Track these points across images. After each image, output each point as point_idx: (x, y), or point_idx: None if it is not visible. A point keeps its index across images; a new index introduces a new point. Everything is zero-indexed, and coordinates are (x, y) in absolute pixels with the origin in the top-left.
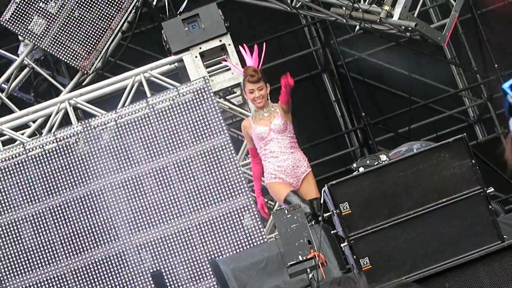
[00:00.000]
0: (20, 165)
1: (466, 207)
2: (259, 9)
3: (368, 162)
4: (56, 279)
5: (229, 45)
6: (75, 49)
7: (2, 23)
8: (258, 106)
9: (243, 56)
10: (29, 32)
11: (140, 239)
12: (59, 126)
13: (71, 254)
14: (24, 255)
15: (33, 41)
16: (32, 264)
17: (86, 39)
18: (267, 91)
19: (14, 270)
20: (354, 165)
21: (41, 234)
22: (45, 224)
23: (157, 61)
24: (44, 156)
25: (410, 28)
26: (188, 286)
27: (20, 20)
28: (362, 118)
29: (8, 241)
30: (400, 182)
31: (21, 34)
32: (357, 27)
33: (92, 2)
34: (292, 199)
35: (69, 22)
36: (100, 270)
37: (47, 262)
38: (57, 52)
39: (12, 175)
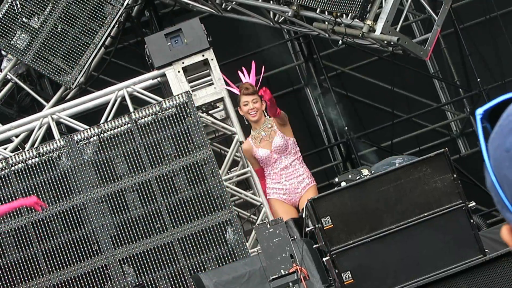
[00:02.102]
0: (3, 179)
1: (448, 221)
2: (241, 24)
3: (350, 176)
4: None
5: (212, 59)
6: (58, 64)
7: None
8: (253, 119)
9: (242, 80)
10: (12, 47)
11: (122, 253)
12: (42, 140)
13: (53, 268)
14: (7, 269)
15: (16, 56)
16: (14, 278)
17: (69, 54)
18: (263, 107)
19: None
20: (336, 179)
21: (23, 248)
22: (27, 239)
23: (140, 76)
24: (27, 170)
25: (392, 43)
26: None
27: (3, 35)
28: (344, 132)
29: None
30: (382, 197)
31: (4, 49)
32: (340, 42)
33: (75, 17)
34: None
35: (52, 37)
36: (83, 285)
37: (29, 277)
38: (40, 67)
39: None
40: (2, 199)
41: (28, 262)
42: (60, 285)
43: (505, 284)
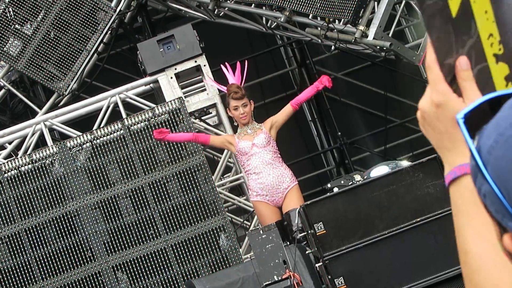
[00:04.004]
0: None
1: (440, 226)
2: (234, 30)
3: (342, 182)
4: None
5: (204, 65)
6: (51, 71)
7: None
8: (243, 122)
9: (225, 75)
10: (5, 54)
11: (116, 260)
12: (35, 147)
13: (47, 275)
14: (0, 276)
15: (9, 63)
16: (8, 286)
17: (61, 60)
18: (251, 108)
19: None
20: (329, 185)
21: (17, 255)
22: (21, 246)
23: (132, 82)
24: (20, 177)
25: (385, 48)
26: None
27: None
28: (338, 138)
29: None
30: (374, 202)
31: None
32: (333, 47)
33: (67, 24)
34: None
35: (45, 44)
36: None
37: (23, 284)
38: (33, 73)
39: None
40: None
41: (21, 269)
42: None
43: None
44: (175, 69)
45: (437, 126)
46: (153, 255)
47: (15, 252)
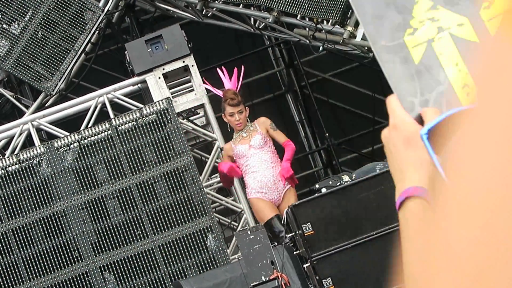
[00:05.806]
0: None
1: None
2: (222, 30)
3: (330, 182)
4: None
5: (192, 66)
6: (39, 71)
7: None
8: (239, 129)
9: (222, 79)
10: None
11: (103, 260)
12: (22, 147)
13: (34, 275)
14: None
15: None
16: None
17: (49, 60)
18: (246, 114)
19: None
20: (317, 186)
21: (4, 255)
22: (8, 246)
23: (120, 82)
24: (7, 177)
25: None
26: None
27: None
28: (325, 139)
29: None
30: (362, 203)
31: None
32: (321, 48)
33: (55, 24)
34: (274, 224)
35: (32, 44)
36: None
37: (10, 284)
38: (20, 73)
39: None
40: None
41: (8, 269)
42: None
43: None
44: (163, 69)
45: (391, 148)
46: (141, 255)
47: (2, 252)
